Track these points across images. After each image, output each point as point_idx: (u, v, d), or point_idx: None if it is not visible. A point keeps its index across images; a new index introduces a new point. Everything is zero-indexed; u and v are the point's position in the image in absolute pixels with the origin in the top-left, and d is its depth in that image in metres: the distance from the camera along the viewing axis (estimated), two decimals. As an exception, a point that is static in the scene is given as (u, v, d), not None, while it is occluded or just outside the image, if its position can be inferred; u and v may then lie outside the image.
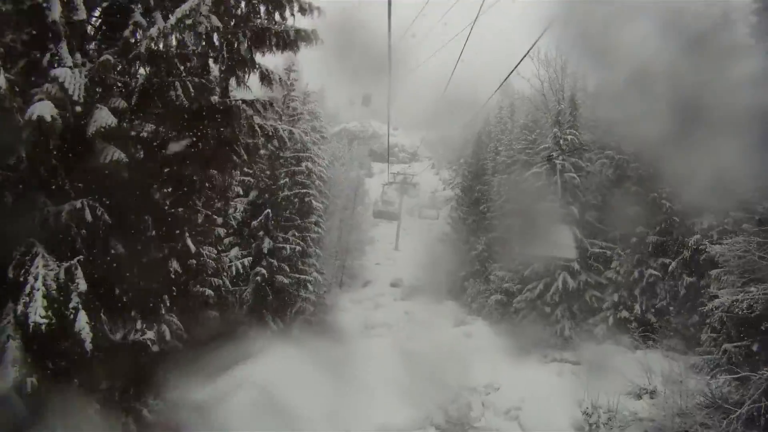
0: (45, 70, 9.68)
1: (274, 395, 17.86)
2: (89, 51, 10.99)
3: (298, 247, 24.49)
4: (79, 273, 9.75)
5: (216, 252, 18.54)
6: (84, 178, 10.42)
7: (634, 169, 28.65)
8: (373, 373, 20.81)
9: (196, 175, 12.71)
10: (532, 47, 11.60)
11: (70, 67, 9.60)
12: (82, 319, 9.62)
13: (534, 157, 37.41)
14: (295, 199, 25.29)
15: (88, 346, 9.56)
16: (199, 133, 11.91)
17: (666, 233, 27.06)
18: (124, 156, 9.93)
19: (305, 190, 25.35)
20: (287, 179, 25.02)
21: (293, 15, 12.36)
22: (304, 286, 24.95)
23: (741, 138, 14.47)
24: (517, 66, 12.09)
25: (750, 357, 15.49)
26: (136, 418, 12.90)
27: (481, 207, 38.58)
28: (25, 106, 8.86)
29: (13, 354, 9.17)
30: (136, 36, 10.80)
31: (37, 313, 8.94)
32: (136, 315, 11.93)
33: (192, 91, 11.21)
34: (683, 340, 25.13)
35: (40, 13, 9.40)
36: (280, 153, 24.28)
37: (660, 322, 26.19)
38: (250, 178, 23.96)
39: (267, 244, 23.50)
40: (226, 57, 11.91)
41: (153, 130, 11.41)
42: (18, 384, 9.13)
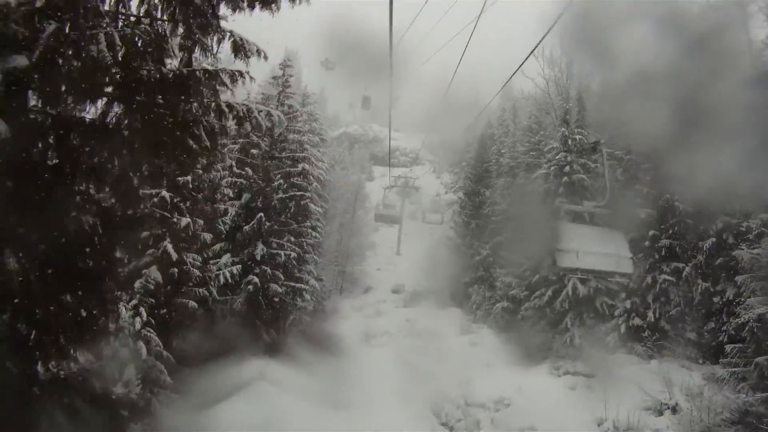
0: None
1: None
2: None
3: (294, 254, 22.75)
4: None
5: (202, 259, 16.93)
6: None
7: (645, 170, 27.16)
8: (376, 390, 19.14)
9: (140, 164, 9.68)
10: (537, 45, 10.79)
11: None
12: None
13: (539, 159, 36.11)
14: (291, 203, 23.57)
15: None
16: (143, 109, 9.20)
17: (679, 237, 25.90)
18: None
19: (301, 193, 23.61)
20: (282, 181, 23.27)
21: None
22: (300, 294, 23.20)
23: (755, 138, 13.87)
24: (521, 65, 11.46)
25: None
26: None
27: (486, 210, 36.93)
28: None
29: None
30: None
31: None
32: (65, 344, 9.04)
33: (120, 45, 8.30)
34: (698, 349, 24.23)
35: None
36: (274, 153, 22.64)
37: (674, 330, 24.95)
38: (242, 180, 22.25)
39: (260, 250, 21.78)
40: (180, 15, 9.50)
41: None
42: None
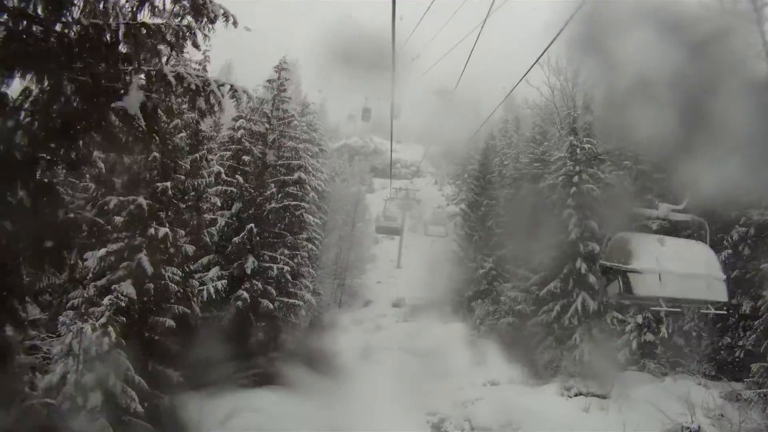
0: None
1: None
2: None
3: (287, 267, 21.00)
4: None
5: (183, 273, 15.31)
6: None
7: (656, 180, 25.76)
8: (373, 414, 17.42)
9: (50, 150, 7.30)
10: (542, 54, 10.50)
11: None
12: None
13: (543, 170, 34.68)
14: (286, 213, 21.89)
15: None
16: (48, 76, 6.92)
17: None
18: None
19: (296, 203, 21.90)
20: (276, 190, 21.58)
21: None
22: (294, 311, 21.47)
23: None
24: (526, 73, 11.11)
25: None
26: None
27: (489, 223, 35.32)
28: None
29: None
30: None
31: None
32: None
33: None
34: (713, 364, 23.19)
35: None
36: (268, 160, 21.05)
37: (688, 346, 23.82)
38: (233, 189, 20.61)
39: (251, 263, 20.06)
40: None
41: None
42: None
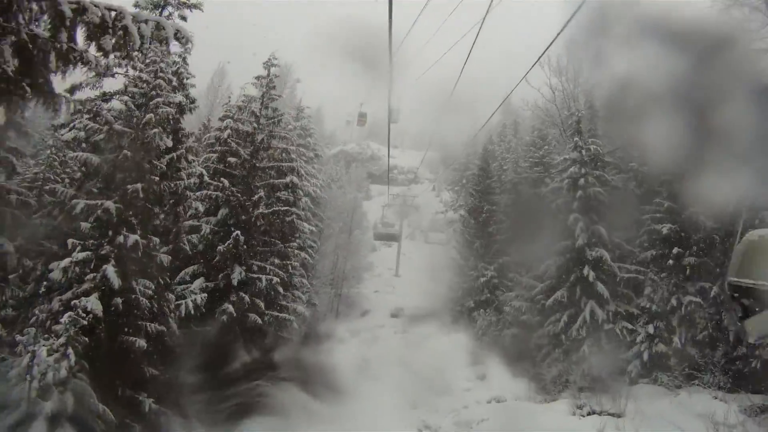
0: None
1: None
2: None
3: (276, 278, 19.21)
4: None
5: (157, 286, 13.63)
6: None
7: (664, 182, 24.33)
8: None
9: None
10: (542, 54, 10.11)
11: None
12: None
13: (543, 174, 33.29)
14: (276, 219, 20.11)
15: None
16: None
17: (705, 254, 23.34)
18: None
19: (287, 208, 20.07)
20: (264, 194, 19.82)
21: None
22: (285, 325, 19.65)
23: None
24: (526, 75, 10.86)
25: None
26: None
27: (490, 229, 33.70)
28: None
29: None
30: None
31: None
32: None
33: None
34: (728, 376, 21.65)
35: None
36: (256, 162, 19.37)
37: (702, 357, 22.32)
38: (219, 193, 18.87)
39: (237, 274, 18.25)
40: None
41: None
42: None
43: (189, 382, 14.82)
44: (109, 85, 16.72)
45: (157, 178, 13.96)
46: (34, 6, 5.58)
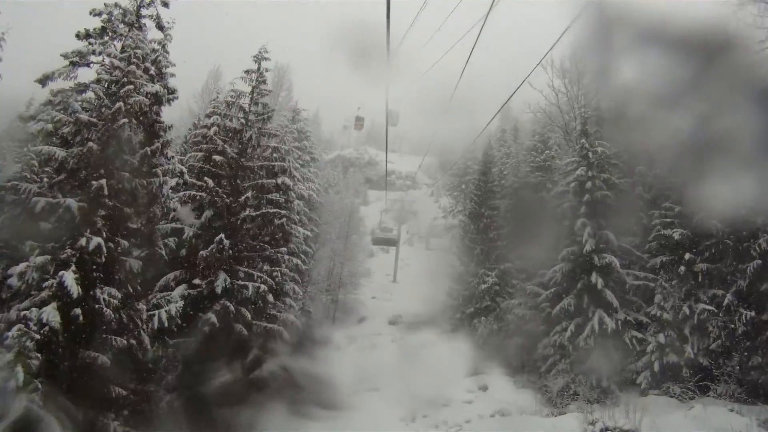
0: None
1: None
2: None
3: (264, 286, 17.42)
4: None
5: (125, 295, 12.03)
6: None
7: (674, 186, 22.92)
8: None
9: None
10: (544, 56, 8.90)
11: None
12: None
13: (546, 178, 31.91)
14: (266, 223, 18.35)
15: None
16: None
17: (717, 260, 22.01)
18: None
19: (276, 210, 18.34)
20: (251, 195, 18.07)
21: None
22: (274, 337, 17.88)
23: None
24: (528, 76, 10.40)
25: None
26: None
27: (491, 235, 32.11)
28: None
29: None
30: None
31: None
32: None
33: None
34: (744, 387, 20.42)
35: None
36: (244, 161, 17.74)
37: (716, 367, 21.12)
38: (203, 194, 17.20)
39: (222, 280, 16.47)
40: None
41: None
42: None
43: (162, 404, 13.13)
44: (86, 75, 15.26)
45: (128, 175, 12.39)
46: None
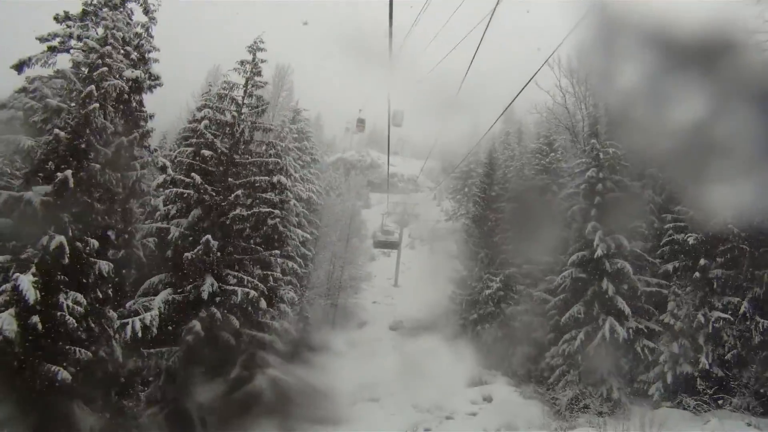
0: None
1: None
2: None
3: (254, 293, 15.74)
4: None
5: (94, 301, 10.70)
6: None
7: (688, 189, 21.66)
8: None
9: None
10: (551, 55, 7.95)
11: None
12: None
13: (552, 181, 30.60)
14: (259, 223, 16.92)
15: None
16: None
17: (733, 266, 20.78)
18: None
19: (269, 209, 16.90)
20: (241, 192, 16.45)
21: None
22: (265, 345, 16.36)
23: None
24: (534, 75, 9.74)
25: None
26: None
27: (495, 239, 30.68)
28: None
29: None
30: None
31: None
32: None
33: None
34: (761, 400, 19.59)
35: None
36: (235, 157, 16.36)
37: (733, 378, 20.13)
38: (190, 191, 15.78)
39: (208, 285, 14.98)
40: None
41: None
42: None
43: (143, 418, 11.73)
44: (65, 63, 13.97)
45: (99, 167, 11.07)
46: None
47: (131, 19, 13.54)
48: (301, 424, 15.41)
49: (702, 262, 20.99)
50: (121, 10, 13.27)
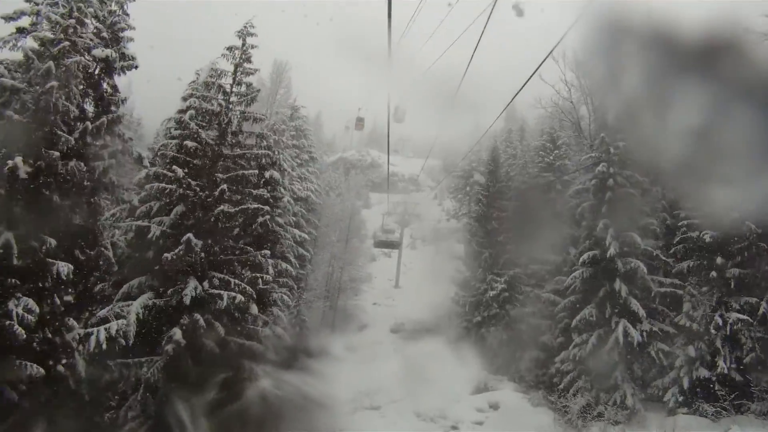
0: None
1: None
2: None
3: (240, 297, 14.05)
4: None
5: (52, 308, 9.34)
6: None
7: (702, 185, 20.33)
8: None
9: None
10: (555, 46, 8.68)
11: None
12: None
13: (557, 178, 29.34)
14: (248, 221, 15.41)
15: None
16: None
17: (750, 264, 19.39)
18: None
19: (258, 206, 15.34)
20: (226, 187, 14.62)
21: None
22: (255, 354, 14.82)
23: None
24: (537, 69, 9.14)
25: None
26: None
27: (500, 238, 29.30)
28: None
29: None
30: None
31: None
32: None
33: None
34: None
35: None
36: (222, 149, 14.93)
37: (754, 383, 18.65)
38: (173, 186, 14.34)
39: (191, 288, 13.36)
40: None
41: None
42: None
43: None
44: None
45: (58, 154, 9.72)
46: None
47: (109, -1, 12.21)
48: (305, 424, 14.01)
49: (719, 260, 19.62)
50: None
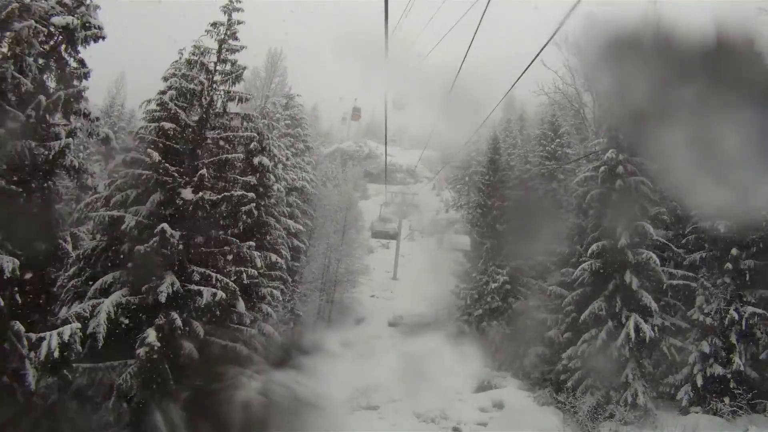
0: None
1: None
2: None
3: (221, 293, 12.56)
4: None
5: None
6: None
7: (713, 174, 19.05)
8: None
9: None
10: (553, 35, 7.59)
11: None
12: None
13: (557, 167, 28.23)
14: (231, 209, 13.95)
15: None
16: None
17: (766, 256, 18.40)
18: None
19: (243, 193, 13.97)
20: (206, 172, 13.24)
21: None
22: (241, 361, 13.28)
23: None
24: (538, 55, 8.18)
25: None
26: None
27: (501, 228, 28.01)
28: None
29: None
30: None
31: None
32: None
33: None
34: None
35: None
36: (204, 132, 13.48)
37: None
38: (149, 172, 12.91)
39: (167, 285, 11.89)
40: None
41: None
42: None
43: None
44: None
45: (3, 131, 8.37)
46: None
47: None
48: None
49: (734, 251, 18.47)
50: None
